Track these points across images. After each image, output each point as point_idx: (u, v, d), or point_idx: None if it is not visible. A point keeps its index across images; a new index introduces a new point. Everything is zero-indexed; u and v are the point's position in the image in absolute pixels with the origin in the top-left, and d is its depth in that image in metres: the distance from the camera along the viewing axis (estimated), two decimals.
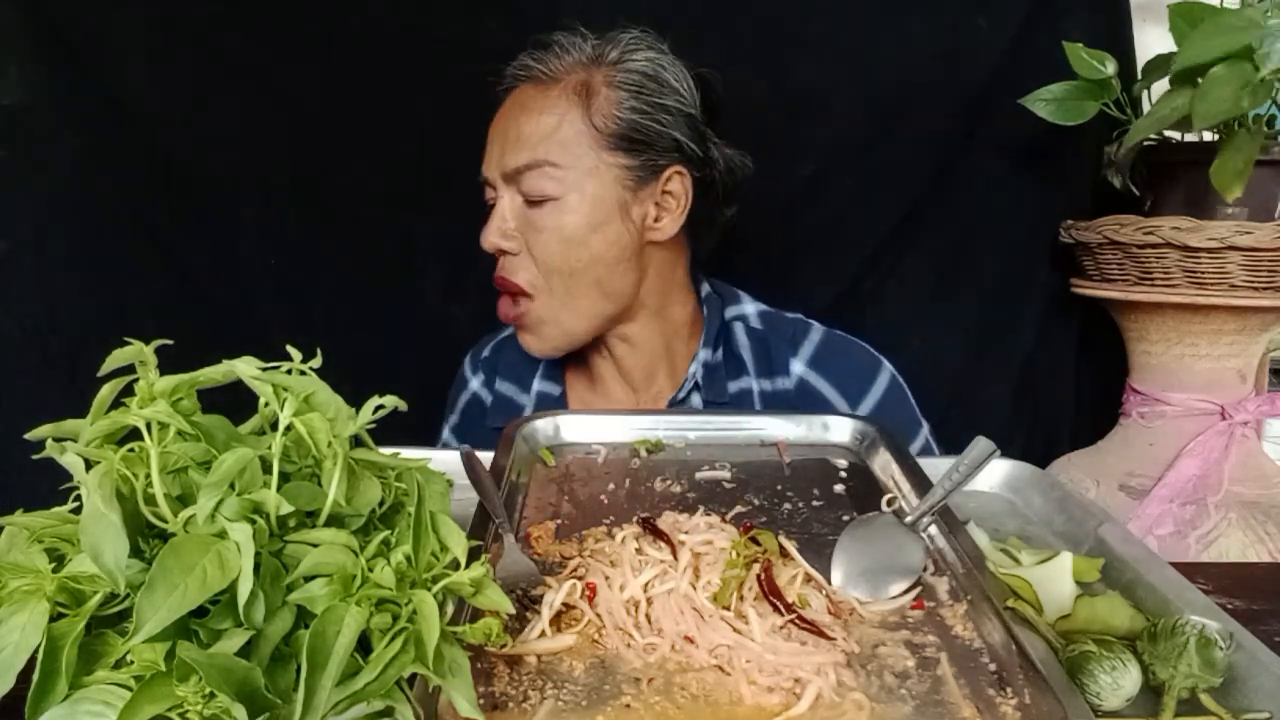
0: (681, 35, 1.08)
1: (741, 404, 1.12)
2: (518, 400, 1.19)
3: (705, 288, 1.18)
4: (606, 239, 1.04)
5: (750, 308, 1.19)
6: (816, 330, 1.17)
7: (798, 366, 1.14)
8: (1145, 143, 1.24)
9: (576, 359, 1.18)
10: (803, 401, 1.12)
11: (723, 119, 1.10)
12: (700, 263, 1.18)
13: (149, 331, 0.52)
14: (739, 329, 1.17)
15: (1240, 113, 1.05)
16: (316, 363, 0.53)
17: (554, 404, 1.17)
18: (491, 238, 1.06)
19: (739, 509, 0.79)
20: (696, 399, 1.13)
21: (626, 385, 1.16)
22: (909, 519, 0.73)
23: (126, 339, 0.50)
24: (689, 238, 1.12)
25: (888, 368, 1.16)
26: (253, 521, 0.46)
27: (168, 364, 0.51)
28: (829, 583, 0.67)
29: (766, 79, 1.30)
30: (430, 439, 1.27)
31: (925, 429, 1.16)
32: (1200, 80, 1.07)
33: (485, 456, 0.83)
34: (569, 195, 1.02)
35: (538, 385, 1.18)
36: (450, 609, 0.52)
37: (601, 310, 1.08)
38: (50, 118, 1.24)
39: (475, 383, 1.24)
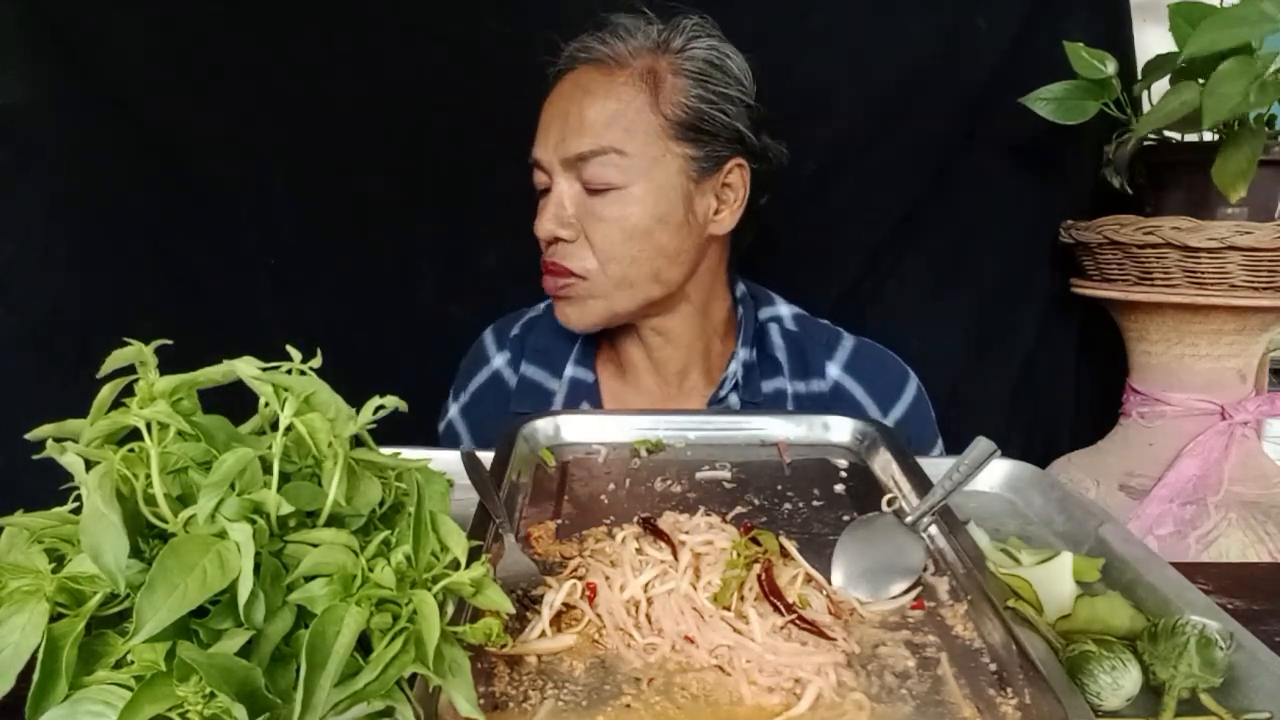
0: None
1: (777, 404, 1.12)
2: (547, 386, 1.15)
3: (740, 287, 1.18)
4: (670, 230, 1.02)
5: (784, 309, 1.19)
6: (849, 337, 1.18)
7: (834, 370, 1.14)
8: (1145, 143, 1.24)
9: (610, 347, 1.17)
10: (836, 405, 1.12)
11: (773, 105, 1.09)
12: (737, 261, 1.18)
13: (149, 332, 0.52)
14: (774, 330, 1.16)
15: (1249, 109, 1.05)
16: (316, 363, 0.53)
17: (587, 391, 1.14)
18: (548, 225, 1.03)
19: (739, 509, 0.79)
20: (734, 399, 1.12)
21: (659, 377, 1.15)
22: (909, 519, 0.73)
23: (126, 339, 0.50)
24: (733, 233, 1.11)
25: (915, 379, 1.17)
26: (253, 521, 0.46)
27: (168, 364, 0.51)
28: (829, 583, 0.67)
29: (766, 78, 1.29)
30: (431, 439, 1.27)
31: (940, 446, 1.17)
32: (1203, 80, 1.07)
33: (485, 456, 0.83)
34: (634, 184, 1.00)
35: (570, 371, 1.14)
36: (450, 609, 0.52)
37: (650, 295, 1.06)
38: (50, 118, 1.24)
39: (499, 360, 1.19)
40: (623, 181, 1.00)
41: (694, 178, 1.02)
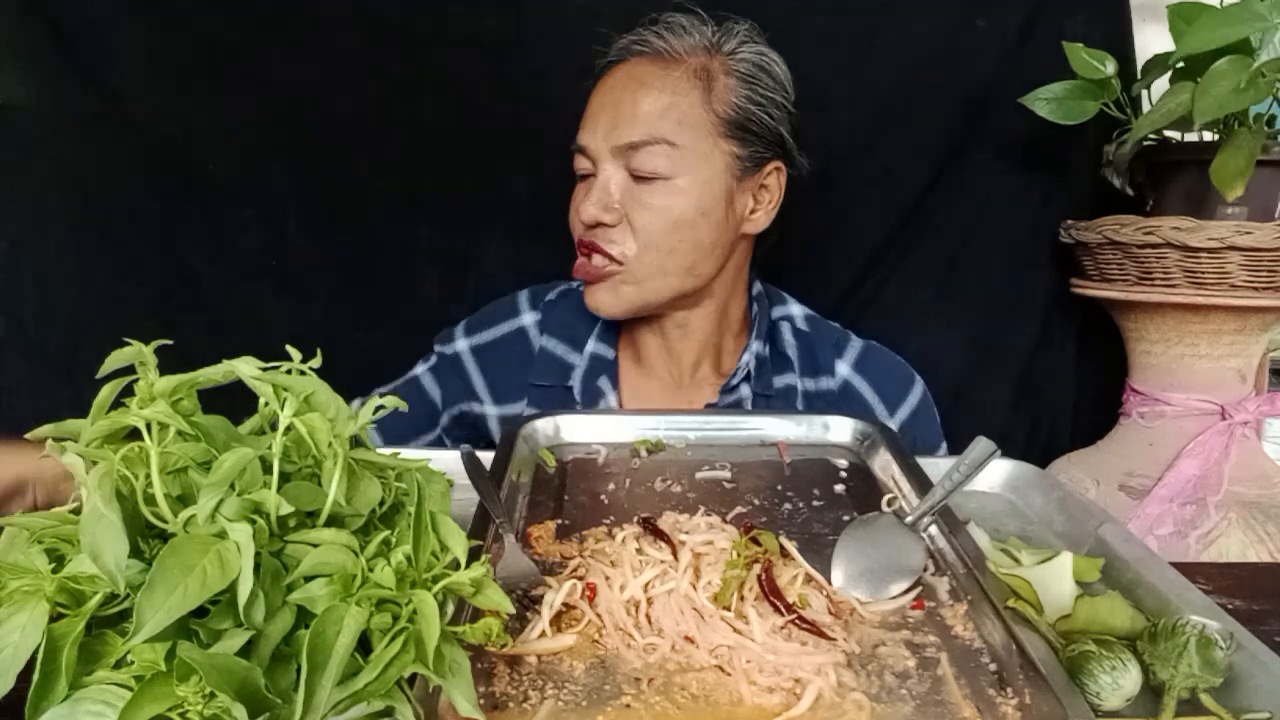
0: None
1: (787, 399, 1.15)
2: (567, 360, 1.17)
3: (757, 286, 1.21)
4: (710, 224, 1.05)
5: (796, 310, 1.22)
6: (858, 340, 1.22)
7: (843, 368, 1.18)
8: (1145, 142, 1.24)
9: (628, 335, 1.19)
10: (845, 402, 1.16)
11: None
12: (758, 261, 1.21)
13: (149, 331, 0.52)
14: (786, 328, 1.20)
15: (1241, 107, 1.05)
16: (316, 363, 0.53)
17: (607, 367, 1.16)
18: (592, 209, 1.04)
19: (739, 509, 0.79)
20: (746, 389, 1.15)
21: (673, 367, 1.17)
22: (909, 519, 0.73)
23: (126, 339, 0.50)
24: (761, 234, 1.15)
25: (921, 382, 1.20)
26: (253, 521, 0.46)
27: (168, 364, 0.51)
28: (829, 583, 0.67)
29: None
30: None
31: (944, 449, 1.20)
32: (1199, 79, 1.07)
33: (485, 457, 0.83)
34: (681, 176, 1.03)
35: (591, 346, 1.16)
36: (450, 609, 0.52)
37: (682, 288, 1.08)
38: (50, 118, 1.24)
39: (529, 318, 1.20)
40: (671, 172, 1.02)
41: (737, 175, 1.06)
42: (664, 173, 1.02)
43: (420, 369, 1.22)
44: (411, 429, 1.20)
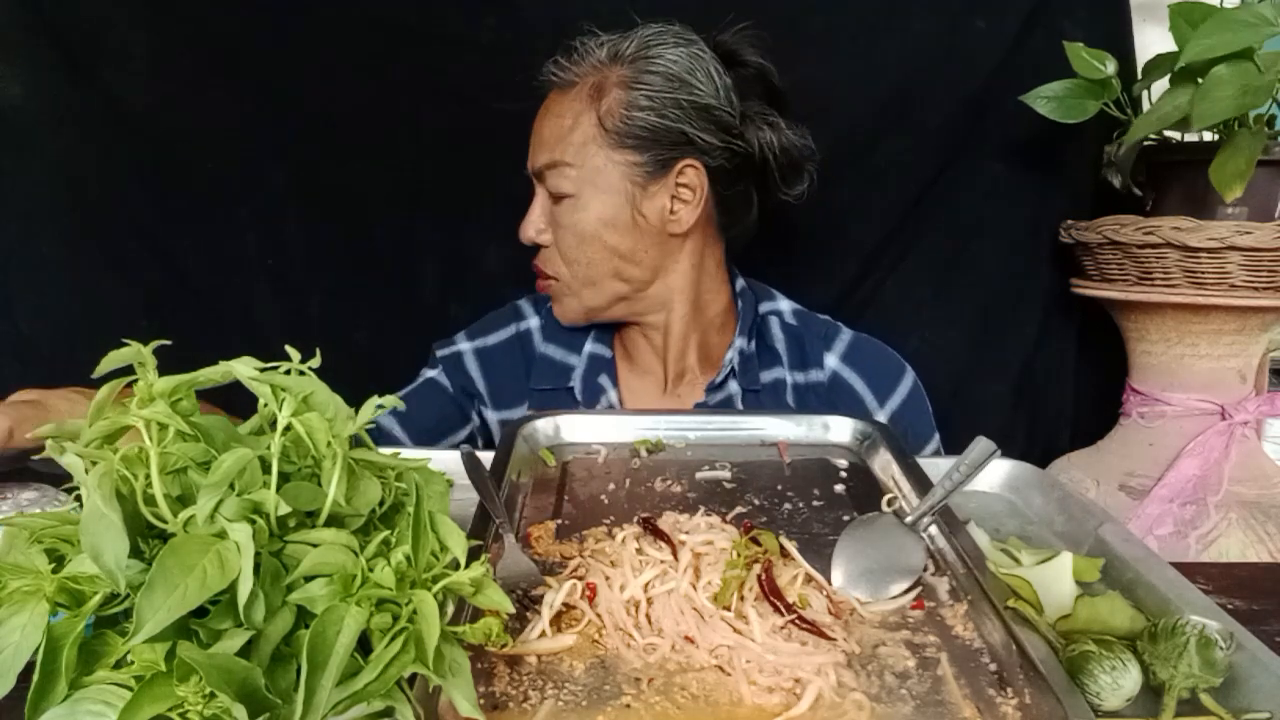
0: None
1: (775, 392, 1.16)
2: (566, 362, 1.20)
3: (740, 283, 1.22)
4: (618, 232, 1.08)
5: (784, 304, 1.23)
6: (847, 331, 1.22)
7: (831, 360, 1.18)
8: (1145, 142, 1.24)
9: (620, 334, 1.22)
10: (834, 394, 1.17)
11: (785, 104, 1.13)
12: (736, 256, 1.21)
13: (145, 331, 0.52)
14: (774, 323, 1.21)
15: (1241, 113, 1.05)
16: (315, 363, 0.53)
17: (605, 366, 1.19)
18: (528, 231, 1.13)
19: (739, 509, 0.79)
20: (733, 385, 1.15)
21: (661, 366, 1.19)
22: (909, 519, 0.73)
23: (123, 340, 0.50)
24: (720, 228, 1.15)
25: (911, 373, 1.20)
26: (253, 522, 0.46)
27: (167, 364, 0.51)
28: (829, 583, 0.67)
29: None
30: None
31: (937, 438, 1.19)
32: (1202, 80, 1.07)
33: (485, 457, 0.83)
34: (582, 193, 1.07)
35: (589, 347, 1.19)
36: (450, 609, 0.52)
37: (618, 292, 1.12)
38: (49, 117, 1.24)
39: (534, 322, 1.23)
40: (573, 190, 1.07)
41: (639, 182, 1.07)
42: (569, 191, 1.07)
43: (431, 371, 1.23)
44: (445, 424, 1.22)
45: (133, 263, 1.29)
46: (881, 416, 1.15)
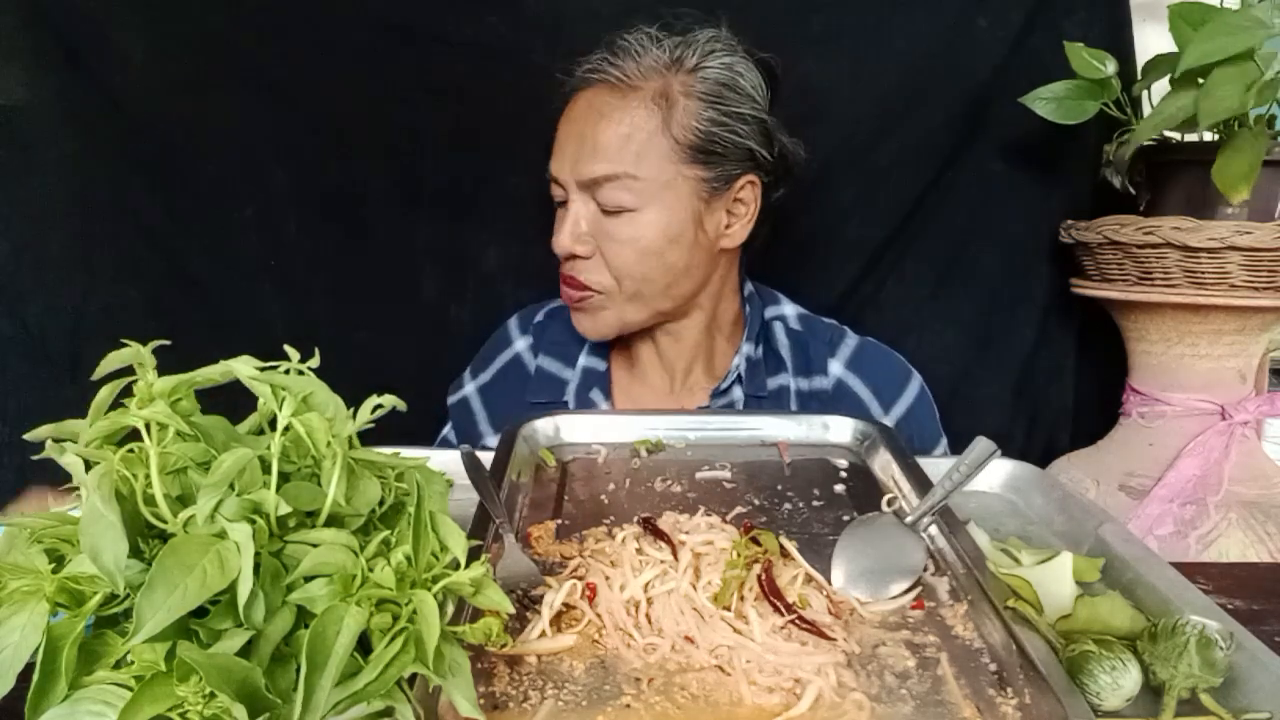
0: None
1: (780, 400, 1.14)
2: (561, 376, 1.18)
3: (748, 287, 1.20)
4: (681, 249, 1.04)
5: (789, 309, 1.22)
6: (852, 336, 1.20)
7: (836, 367, 1.17)
8: (1145, 142, 1.24)
9: (621, 343, 1.19)
10: (839, 402, 1.15)
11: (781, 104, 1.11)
12: (747, 262, 1.20)
13: (148, 332, 0.52)
14: (779, 328, 1.19)
15: (1246, 109, 1.05)
16: (315, 363, 0.53)
17: (599, 379, 1.17)
18: (565, 242, 1.05)
19: (739, 509, 0.79)
20: (738, 391, 1.14)
21: (666, 373, 1.17)
22: (909, 519, 0.73)
23: (125, 340, 0.50)
24: (750, 238, 1.13)
25: (918, 378, 1.19)
26: (252, 521, 0.46)
27: (167, 364, 0.51)
28: (829, 583, 0.67)
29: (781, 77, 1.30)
30: (431, 439, 1.27)
31: (944, 443, 1.19)
32: (1202, 80, 1.07)
33: (485, 457, 0.83)
34: (647, 208, 1.02)
35: (583, 360, 1.17)
36: (450, 609, 0.52)
37: (662, 308, 1.09)
38: (50, 118, 1.23)
39: (522, 344, 1.22)
40: (636, 204, 1.02)
41: (705, 198, 1.04)
42: (629, 205, 1.01)
43: (445, 430, 1.24)
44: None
45: (136, 263, 1.29)
46: (888, 424, 1.15)
